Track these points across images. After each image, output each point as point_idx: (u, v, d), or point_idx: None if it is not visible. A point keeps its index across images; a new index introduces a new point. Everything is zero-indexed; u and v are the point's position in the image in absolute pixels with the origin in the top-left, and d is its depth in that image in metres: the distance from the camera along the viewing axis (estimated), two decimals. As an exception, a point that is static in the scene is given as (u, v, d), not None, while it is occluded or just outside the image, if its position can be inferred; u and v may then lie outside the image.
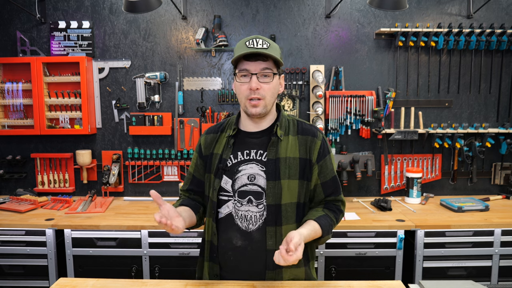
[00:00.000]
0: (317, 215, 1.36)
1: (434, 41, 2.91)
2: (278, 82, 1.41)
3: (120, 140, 3.14)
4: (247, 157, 1.40)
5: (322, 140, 1.44)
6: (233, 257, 1.39)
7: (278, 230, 1.35)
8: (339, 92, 2.97)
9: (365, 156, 3.01)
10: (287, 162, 1.37)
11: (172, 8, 2.98)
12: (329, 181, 1.44)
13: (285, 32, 3.02)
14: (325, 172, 1.43)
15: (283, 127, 1.43)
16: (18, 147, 3.15)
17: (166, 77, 3.03)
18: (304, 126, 1.46)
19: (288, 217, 1.37)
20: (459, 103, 3.06)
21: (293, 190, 1.38)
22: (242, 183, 1.38)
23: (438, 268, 2.45)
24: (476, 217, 2.55)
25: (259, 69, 1.34)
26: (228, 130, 1.47)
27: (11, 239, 2.48)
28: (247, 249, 1.37)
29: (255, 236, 1.37)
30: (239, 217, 1.38)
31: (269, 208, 1.35)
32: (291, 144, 1.40)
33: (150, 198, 3.10)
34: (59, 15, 3.03)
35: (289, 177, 1.37)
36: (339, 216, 1.45)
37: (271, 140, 1.40)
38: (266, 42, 1.33)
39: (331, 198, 1.46)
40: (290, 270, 1.38)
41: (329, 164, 1.44)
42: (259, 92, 1.35)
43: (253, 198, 1.37)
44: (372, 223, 2.47)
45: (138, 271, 2.48)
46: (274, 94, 1.39)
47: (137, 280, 1.47)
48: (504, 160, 3.09)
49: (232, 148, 1.43)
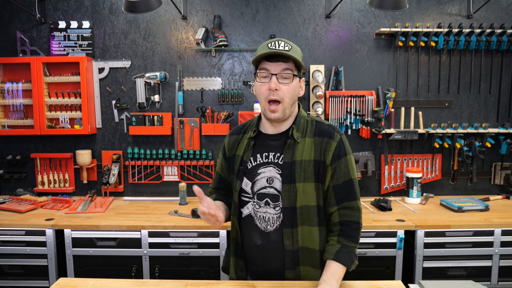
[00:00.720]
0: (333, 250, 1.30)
1: (434, 41, 2.91)
2: (298, 84, 1.41)
3: (120, 140, 3.14)
4: (266, 159, 1.42)
5: (338, 141, 1.39)
6: (254, 255, 1.44)
7: (295, 231, 1.38)
8: (339, 92, 2.97)
9: (365, 156, 3.00)
10: (303, 165, 1.37)
11: (172, 8, 2.98)
12: (342, 184, 1.38)
13: (285, 32, 3.01)
14: (338, 175, 1.38)
15: (301, 129, 1.42)
16: (18, 147, 3.15)
17: (166, 77, 3.03)
18: (322, 127, 1.43)
19: (304, 220, 1.38)
20: (459, 103, 3.06)
21: (309, 193, 1.37)
22: (261, 185, 1.41)
23: (438, 268, 2.45)
24: (476, 217, 2.55)
25: (280, 69, 1.34)
26: (250, 132, 1.49)
27: (11, 239, 2.48)
28: (266, 248, 1.41)
29: (273, 237, 1.40)
30: (258, 218, 1.42)
31: (285, 211, 1.37)
32: (307, 146, 1.39)
33: (150, 198, 3.12)
34: (59, 15, 3.03)
35: (304, 180, 1.37)
36: (357, 234, 1.37)
37: (287, 143, 1.40)
38: (288, 45, 1.34)
39: (344, 205, 1.38)
40: (307, 269, 1.40)
41: (344, 166, 1.38)
42: (278, 93, 1.34)
43: (270, 201, 1.39)
44: (372, 223, 2.47)
45: (138, 271, 2.48)
46: (293, 96, 1.39)
47: (137, 280, 1.47)
48: (504, 160, 3.09)
49: (252, 150, 1.45)
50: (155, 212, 2.74)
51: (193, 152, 3.08)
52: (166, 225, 2.47)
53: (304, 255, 1.40)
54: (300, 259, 1.40)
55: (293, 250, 1.38)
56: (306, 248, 1.39)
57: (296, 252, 1.39)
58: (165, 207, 2.87)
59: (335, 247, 1.31)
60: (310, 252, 1.40)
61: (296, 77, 1.38)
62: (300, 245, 1.39)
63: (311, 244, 1.39)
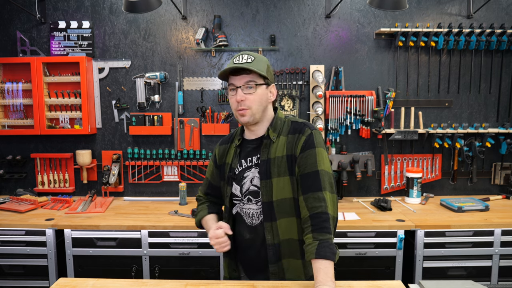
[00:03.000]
0: (314, 249, 1.30)
1: (434, 41, 2.91)
2: (265, 91, 1.50)
3: (120, 140, 3.14)
4: (250, 163, 1.53)
5: (308, 135, 1.45)
6: (245, 249, 1.55)
7: (274, 225, 1.46)
8: (339, 92, 2.97)
9: (365, 156, 3.00)
10: (276, 161, 1.46)
11: (172, 8, 2.98)
12: (308, 174, 1.40)
13: (285, 32, 3.02)
14: (305, 164, 1.41)
15: (277, 129, 1.52)
16: (18, 147, 3.15)
17: (166, 77, 3.03)
18: (295, 125, 1.51)
19: (281, 212, 1.46)
20: (459, 103, 3.06)
21: (284, 186, 1.45)
22: (247, 187, 1.52)
23: (438, 268, 2.45)
24: (476, 217, 2.55)
25: (243, 82, 1.46)
26: (236, 140, 1.60)
27: (11, 239, 2.48)
28: (254, 241, 1.52)
29: (259, 230, 1.50)
30: (244, 214, 1.54)
31: (264, 205, 1.47)
32: (281, 144, 1.48)
33: (150, 198, 3.12)
34: (59, 15, 3.03)
35: (278, 175, 1.45)
36: (329, 225, 1.34)
37: (263, 143, 1.51)
38: (251, 57, 1.45)
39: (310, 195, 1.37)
40: (289, 261, 1.48)
41: (311, 157, 1.41)
42: (245, 103, 1.46)
43: (251, 197, 1.51)
44: (372, 223, 2.47)
45: (138, 271, 2.48)
46: (261, 103, 1.49)
47: (137, 280, 1.47)
48: (504, 160, 3.09)
49: (238, 157, 1.56)
50: (155, 212, 2.74)
51: (193, 152, 3.09)
52: (166, 225, 2.47)
53: (285, 247, 1.47)
54: (281, 253, 1.47)
55: (275, 244, 1.47)
56: (286, 241, 1.47)
57: (277, 246, 1.47)
58: (165, 207, 2.87)
59: (314, 245, 1.30)
60: (290, 243, 1.47)
61: (261, 86, 1.47)
62: (281, 239, 1.46)
63: (291, 235, 1.47)
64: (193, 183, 3.13)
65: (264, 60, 1.50)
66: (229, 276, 1.60)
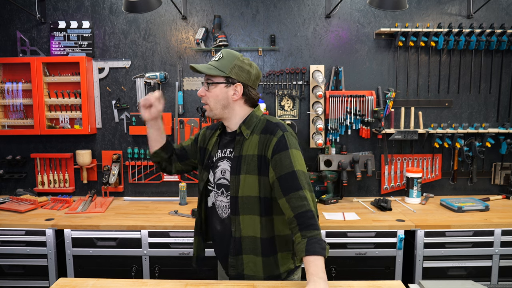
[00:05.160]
0: (303, 247, 1.31)
1: (434, 41, 2.91)
2: (223, 90, 1.53)
3: (120, 140, 3.14)
4: (223, 154, 1.59)
5: (280, 137, 1.47)
6: (215, 239, 1.65)
7: (237, 219, 1.52)
8: (339, 92, 2.97)
9: (365, 156, 3.00)
10: (247, 159, 1.51)
11: (172, 8, 2.98)
12: (285, 175, 1.42)
13: (285, 32, 3.02)
14: (280, 167, 1.44)
15: (251, 127, 1.55)
16: (18, 147, 3.15)
17: (166, 77, 3.03)
18: (268, 125, 1.54)
19: (245, 209, 1.51)
20: (459, 103, 3.06)
21: (251, 184, 1.50)
22: (218, 177, 1.59)
23: (438, 268, 2.45)
24: (476, 217, 2.55)
25: (205, 79, 1.56)
26: (218, 130, 1.67)
27: (11, 239, 2.48)
28: (222, 233, 1.60)
29: (227, 223, 1.57)
30: (217, 206, 1.60)
31: (231, 199, 1.53)
32: (253, 142, 1.52)
33: (150, 198, 3.12)
34: (59, 15, 3.03)
35: (247, 172, 1.50)
36: (315, 221, 1.37)
37: (236, 139, 1.56)
38: (221, 54, 1.54)
39: (291, 196, 1.39)
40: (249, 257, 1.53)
41: (285, 159, 1.44)
42: (204, 98, 1.57)
43: (224, 190, 1.57)
44: (372, 223, 2.47)
45: (138, 271, 2.48)
46: (218, 101, 1.54)
47: (137, 280, 1.48)
48: (504, 160, 3.09)
49: (217, 146, 1.63)
50: (155, 212, 2.74)
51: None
52: (166, 225, 2.47)
53: (246, 243, 1.52)
54: (242, 248, 1.52)
55: (236, 237, 1.52)
56: (247, 237, 1.52)
57: (238, 240, 1.52)
58: (165, 207, 2.87)
59: (303, 243, 1.32)
60: (251, 240, 1.52)
61: (218, 84, 1.52)
62: (243, 234, 1.51)
63: (253, 232, 1.51)
64: (193, 183, 3.13)
65: (233, 59, 1.52)
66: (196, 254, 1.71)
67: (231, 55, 1.53)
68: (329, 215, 2.59)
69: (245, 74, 1.53)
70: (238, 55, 1.54)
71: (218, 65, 1.52)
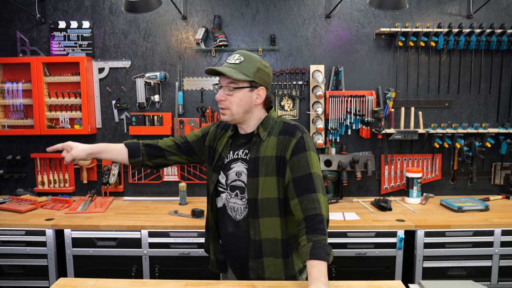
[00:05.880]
0: (308, 251, 1.31)
1: (434, 41, 2.91)
2: (247, 94, 1.50)
3: (120, 140, 3.13)
4: (236, 156, 1.56)
5: (299, 138, 1.47)
6: (228, 241, 1.62)
7: (257, 222, 1.50)
8: (339, 92, 2.97)
9: (365, 156, 3.01)
10: (265, 161, 1.49)
11: (172, 8, 2.98)
12: (302, 177, 1.42)
13: (285, 32, 3.02)
14: (297, 168, 1.44)
15: (268, 128, 1.54)
16: (18, 147, 3.15)
17: (166, 77, 3.03)
18: (286, 127, 1.53)
19: (265, 211, 1.49)
20: (459, 103, 3.06)
21: (270, 186, 1.48)
22: (232, 178, 1.56)
23: (438, 268, 2.45)
24: (476, 217, 2.55)
25: (226, 83, 1.49)
26: (229, 131, 1.63)
27: (11, 239, 2.48)
28: (236, 235, 1.57)
29: (242, 225, 1.55)
30: (229, 208, 1.57)
31: (249, 202, 1.51)
32: (271, 144, 1.51)
33: (150, 198, 3.12)
34: (59, 15, 3.03)
35: (266, 174, 1.48)
36: (323, 226, 1.37)
37: (252, 140, 1.53)
38: (241, 57, 1.48)
39: (304, 197, 1.40)
40: (269, 260, 1.51)
41: (303, 160, 1.44)
42: (224, 103, 1.50)
43: (239, 192, 1.54)
44: (372, 223, 2.47)
45: (138, 271, 2.48)
46: (241, 105, 1.50)
47: (137, 280, 1.48)
48: (504, 160, 3.09)
49: (229, 147, 1.60)
50: (155, 212, 2.74)
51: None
52: (166, 225, 2.47)
53: (266, 246, 1.50)
54: (262, 250, 1.50)
55: (256, 240, 1.50)
56: (268, 240, 1.50)
57: (258, 243, 1.50)
58: (165, 207, 2.87)
59: (308, 246, 1.32)
60: (272, 242, 1.50)
61: (242, 89, 1.48)
62: (263, 237, 1.50)
63: (273, 234, 1.50)
64: (193, 183, 3.13)
65: (255, 62, 1.49)
66: (215, 258, 1.66)
67: (252, 58, 1.49)
68: (329, 215, 2.59)
69: (267, 77, 1.52)
70: (258, 57, 1.52)
71: (242, 68, 1.47)
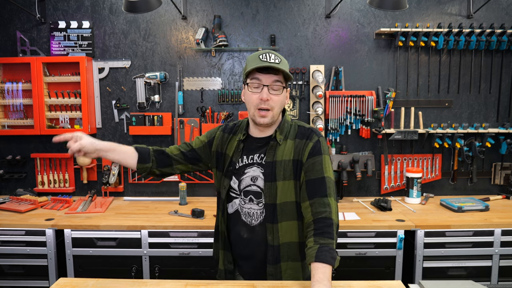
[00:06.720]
0: (314, 253, 1.29)
1: (434, 41, 2.91)
2: (285, 95, 1.51)
3: (120, 140, 3.13)
4: (251, 161, 1.53)
5: (315, 142, 1.48)
6: (241, 248, 1.56)
7: (275, 227, 1.48)
8: (339, 92, 2.97)
9: (365, 156, 3.00)
10: (283, 165, 1.47)
11: (172, 8, 2.98)
12: (315, 180, 1.42)
13: (285, 32, 3.02)
14: (311, 170, 1.44)
15: (284, 132, 1.52)
16: (18, 147, 3.15)
17: (166, 77, 3.03)
18: (303, 130, 1.53)
19: (283, 215, 1.47)
20: (459, 103, 3.06)
21: (289, 190, 1.47)
22: (246, 183, 1.52)
23: (438, 268, 2.45)
24: (476, 217, 2.56)
25: (271, 81, 1.43)
26: (239, 134, 1.59)
27: (11, 239, 2.48)
28: (251, 241, 1.53)
29: (258, 231, 1.51)
30: (244, 213, 1.54)
31: (267, 207, 1.48)
32: (288, 147, 1.49)
33: (150, 198, 3.12)
34: (59, 15, 3.03)
35: (284, 178, 1.46)
36: (332, 230, 1.35)
37: (269, 144, 1.51)
38: (278, 58, 1.44)
39: (315, 200, 1.39)
40: (287, 264, 1.49)
41: (318, 164, 1.44)
42: (269, 103, 1.44)
43: (253, 197, 1.51)
44: (372, 223, 2.47)
45: (138, 271, 2.48)
46: (281, 106, 1.49)
47: (137, 280, 1.48)
48: (504, 160, 3.09)
49: (241, 152, 1.55)
50: (155, 212, 2.74)
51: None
52: (166, 225, 2.47)
53: (284, 250, 1.48)
54: (280, 255, 1.48)
55: (274, 246, 1.48)
56: (286, 244, 1.48)
57: (277, 248, 1.48)
58: (165, 207, 2.87)
59: (314, 249, 1.31)
60: (289, 246, 1.49)
61: (284, 89, 1.48)
62: (281, 242, 1.48)
63: (291, 238, 1.49)
64: (193, 183, 3.13)
65: (287, 63, 1.50)
66: (224, 268, 1.60)
67: (283, 58, 1.48)
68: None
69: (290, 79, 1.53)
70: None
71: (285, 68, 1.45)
